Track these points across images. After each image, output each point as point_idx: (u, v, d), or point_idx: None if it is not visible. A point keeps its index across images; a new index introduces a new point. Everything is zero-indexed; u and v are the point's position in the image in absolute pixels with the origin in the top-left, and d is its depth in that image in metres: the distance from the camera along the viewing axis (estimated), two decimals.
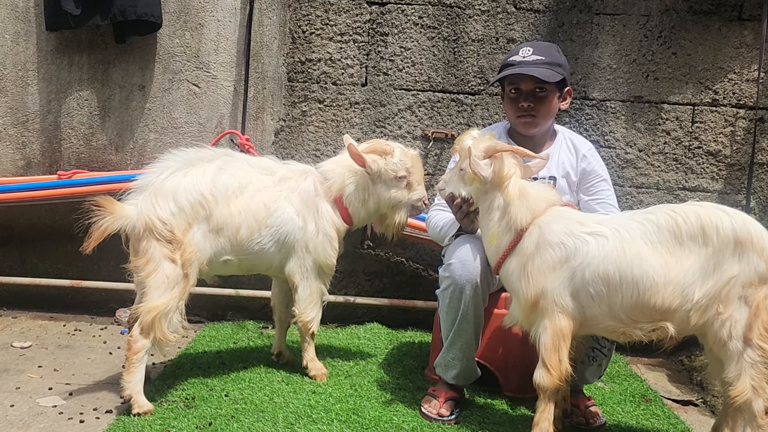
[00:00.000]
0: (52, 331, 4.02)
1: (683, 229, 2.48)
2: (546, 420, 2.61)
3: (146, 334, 2.84)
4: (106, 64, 4.31)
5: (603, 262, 2.51)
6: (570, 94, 3.20)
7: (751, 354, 2.45)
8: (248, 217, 3.08)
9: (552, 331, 2.57)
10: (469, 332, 2.98)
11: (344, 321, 4.37)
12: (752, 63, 4.15)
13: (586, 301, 2.56)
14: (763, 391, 2.46)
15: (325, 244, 3.28)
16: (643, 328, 2.54)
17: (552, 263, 2.59)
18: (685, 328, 2.53)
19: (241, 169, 3.15)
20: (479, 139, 2.77)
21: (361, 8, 4.27)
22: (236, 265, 3.17)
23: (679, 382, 3.78)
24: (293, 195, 3.23)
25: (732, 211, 2.53)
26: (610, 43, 4.21)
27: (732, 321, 2.45)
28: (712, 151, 4.23)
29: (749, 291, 2.45)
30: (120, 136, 4.36)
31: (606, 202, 3.12)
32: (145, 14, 4.06)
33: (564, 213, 2.73)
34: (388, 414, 2.97)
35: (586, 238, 2.56)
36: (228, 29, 4.30)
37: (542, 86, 3.04)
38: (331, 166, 3.37)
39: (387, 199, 3.33)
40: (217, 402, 3.00)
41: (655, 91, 4.22)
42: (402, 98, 4.31)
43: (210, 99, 4.33)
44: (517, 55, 3.07)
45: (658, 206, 2.66)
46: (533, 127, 3.10)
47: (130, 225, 2.85)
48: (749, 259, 2.45)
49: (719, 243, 2.46)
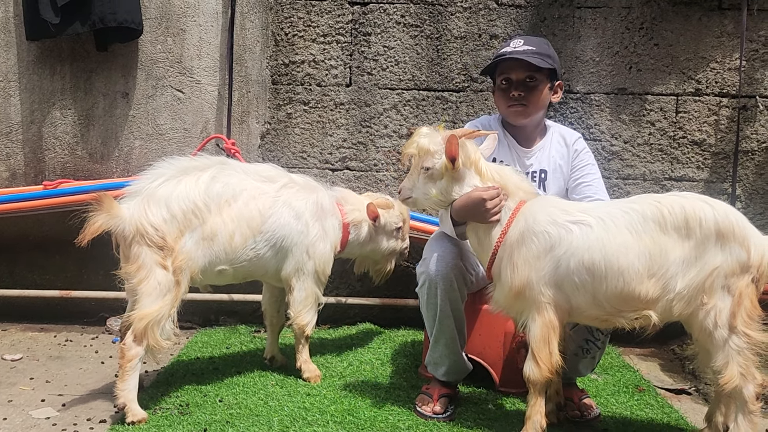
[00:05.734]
0: (43, 342, 3.99)
1: (668, 220, 2.50)
2: (538, 413, 2.62)
3: (139, 342, 2.82)
4: (88, 73, 4.29)
5: (588, 252, 2.52)
6: (561, 87, 3.20)
7: (737, 341, 2.47)
8: (242, 224, 3.07)
9: (541, 323, 2.57)
10: (451, 327, 2.98)
11: (336, 322, 4.37)
12: (734, 52, 4.18)
13: (571, 290, 2.56)
14: (752, 377, 2.48)
15: (327, 251, 3.33)
16: (626, 317, 2.55)
17: (536, 253, 2.58)
18: (669, 317, 2.55)
19: (236, 176, 3.13)
20: (432, 134, 2.77)
21: (343, 9, 4.27)
22: (231, 274, 3.15)
23: (672, 371, 3.80)
24: (295, 201, 3.24)
25: (714, 202, 2.55)
26: (592, 36, 4.23)
27: (716, 310, 2.47)
28: (697, 141, 4.25)
29: (732, 280, 2.47)
30: (105, 145, 4.34)
31: (593, 185, 3.11)
32: (126, 21, 4.04)
33: (548, 201, 2.73)
34: (383, 414, 2.97)
35: (570, 226, 2.56)
36: (210, 34, 4.28)
37: (533, 75, 3.05)
38: (353, 199, 3.57)
39: (384, 249, 3.62)
40: (211, 408, 2.99)
41: (638, 82, 4.24)
42: (387, 97, 4.31)
43: (194, 104, 4.32)
44: (509, 47, 3.08)
45: (642, 196, 2.67)
46: (524, 117, 3.09)
47: (121, 228, 2.83)
48: (731, 249, 2.47)
49: (702, 235, 2.48)
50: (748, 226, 2.53)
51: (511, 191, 2.71)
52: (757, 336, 2.48)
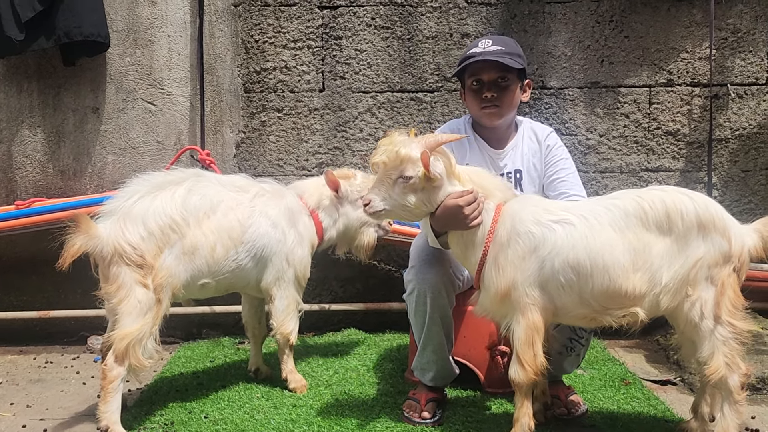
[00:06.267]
0: (23, 365, 3.92)
1: (650, 214, 2.50)
2: (526, 415, 2.61)
3: (120, 362, 2.77)
4: (56, 89, 4.23)
5: (573, 250, 2.51)
6: (530, 86, 3.19)
7: (721, 331, 2.49)
8: (222, 235, 3.04)
9: (525, 325, 2.55)
10: (440, 334, 2.97)
11: (321, 329, 4.34)
12: (703, 41, 4.20)
13: (556, 290, 2.55)
14: (737, 367, 2.49)
15: (306, 256, 3.33)
16: (613, 314, 2.54)
17: (521, 253, 2.55)
18: (656, 312, 2.55)
19: (212, 188, 3.11)
20: (407, 141, 2.61)
21: (312, 13, 4.24)
22: (213, 287, 3.13)
23: (657, 362, 3.82)
24: (269, 209, 3.22)
25: (694, 194, 2.56)
26: (563, 31, 4.23)
27: (701, 301, 2.48)
28: (671, 131, 4.27)
29: (715, 271, 2.48)
30: (77, 161, 4.27)
31: (568, 180, 3.09)
32: (92, 34, 3.98)
33: (530, 200, 2.71)
34: (371, 422, 2.95)
35: (554, 226, 2.54)
36: (179, 44, 4.23)
37: (504, 76, 3.03)
38: (308, 184, 3.52)
39: (355, 220, 3.51)
40: (196, 425, 2.95)
41: (611, 75, 4.25)
42: (361, 101, 4.28)
43: (166, 116, 4.26)
44: (477, 47, 3.06)
45: (623, 191, 2.66)
46: (498, 118, 3.08)
47: (99, 248, 2.79)
48: (713, 240, 2.48)
49: (684, 227, 2.48)
50: (727, 216, 2.54)
51: (489, 192, 2.69)
52: (741, 325, 2.50)
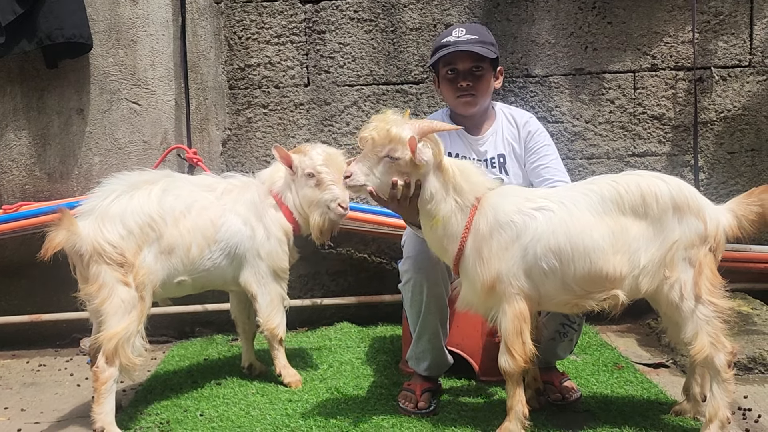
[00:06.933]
0: (16, 369, 3.91)
1: (625, 198, 2.54)
2: (519, 402, 2.62)
3: (111, 363, 2.78)
4: (40, 91, 4.20)
5: (553, 236, 2.53)
6: (502, 73, 3.22)
7: (703, 311, 2.52)
8: (197, 235, 3.07)
9: (512, 314, 2.57)
10: (435, 324, 2.98)
11: (313, 324, 4.35)
12: (686, 24, 4.21)
13: (539, 277, 2.57)
14: (722, 345, 2.52)
15: (276, 248, 3.29)
16: (595, 298, 2.57)
17: (504, 244, 2.57)
18: (636, 294, 2.59)
19: (185, 188, 3.15)
20: (400, 121, 2.58)
21: (295, 8, 4.23)
22: (190, 284, 3.15)
23: (649, 345, 3.84)
24: (238, 206, 3.24)
25: (668, 177, 2.61)
26: (546, 19, 4.24)
27: (680, 282, 2.51)
28: (657, 115, 4.29)
29: (692, 252, 2.52)
30: (63, 163, 4.25)
31: (551, 167, 3.11)
32: (74, 36, 3.96)
33: (511, 190, 2.72)
34: (366, 414, 2.96)
35: (534, 213, 2.56)
36: (162, 43, 4.21)
37: (479, 65, 3.06)
38: (267, 170, 3.45)
39: (303, 196, 3.31)
40: (192, 423, 2.95)
41: (595, 61, 4.26)
42: (346, 95, 4.28)
43: (152, 115, 4.25)
44: (451, 36, 3.07)
45: (598, 177, 2.71)
46: (473, 106, 3.10)
47: (78, 246, 2.78)
48: (688, 221, 2.52)
49: (659, 210, 2.52)
50: (700, 197, 2.59)
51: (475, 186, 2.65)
52: (722, 303, 2.53)
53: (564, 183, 3.02)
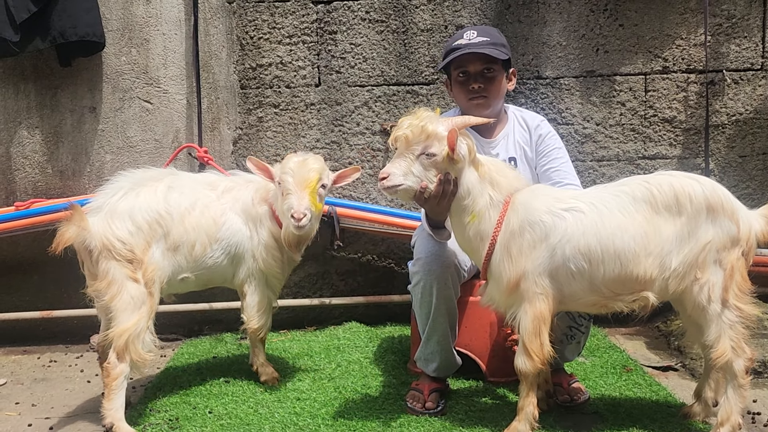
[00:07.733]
0: (27, 365, 3.94)
1: (658, 199, 2.52)
2: (530, 404, 2.62)
3: (122, 359, 2.80)
4: (53, 89, 4.23)
5: (584, 237, 2.51)
6: (515, 75, 3.22)
7: (729, 315, 2.51)
8: (201, 233, 3.09)
9: (532, 315, 2.56)
10: (444, 325, 2.99)
11: (322, 323, 4.35)
12: (698, 27, 4.20)
13: (566, 278, 2.55)
14: (742, 351, 2.51)
15: (266, 252, 3.26)
16: (624, 300, 2.56)
17: (532, 242, 2.56)
18: (665, 296, 2.57)
19: (188, 186, 3.17)
20: (434, 117, 2.58)
21: (307, 8, 4.24)
22: (193, 281, 3.17)
23: (658, 349, 3.83)
24: (237, 205, 3.24)
25: (701, 178, 2.58)
26: (557, 21, 4.24)
27: (710, 285, 2.50)
28: (668, 118, 4.28)
29: (723, 254, 2.50)
30: (75, 161, 4.28)
31: (561, 170, 3.11)
32: (87, 34, 3.98)
33: (541, 189, 2.73)
34: (374, 413, 2.97)
35: (564, 214, 2.55)
36: (174, 42, 4.23)
37: (490, 66, 3.06)
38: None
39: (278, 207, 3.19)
40: (201, 420, 2.97)
41: (606, 64, 4.26)
42: (357, 95, 4.29)
43: (163, 114, 4.27)
44: (462, 39, 3.08)
45: (629, 178, 2.68)
46: (485, 108, 3.10)
47: (87, 242, 2.80)
48: (722, 223, 2.50)
49: (693, 210, 2.50)
50: (734, 200, 2.57)
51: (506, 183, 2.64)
52: (748, 309, 2.53)
53: (574, 187, 3.02)
